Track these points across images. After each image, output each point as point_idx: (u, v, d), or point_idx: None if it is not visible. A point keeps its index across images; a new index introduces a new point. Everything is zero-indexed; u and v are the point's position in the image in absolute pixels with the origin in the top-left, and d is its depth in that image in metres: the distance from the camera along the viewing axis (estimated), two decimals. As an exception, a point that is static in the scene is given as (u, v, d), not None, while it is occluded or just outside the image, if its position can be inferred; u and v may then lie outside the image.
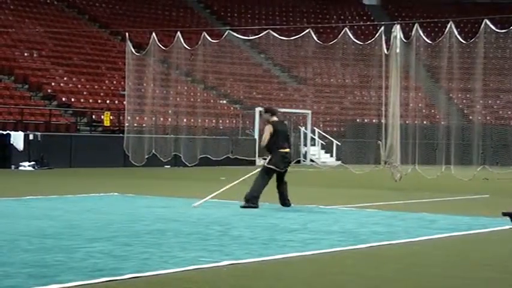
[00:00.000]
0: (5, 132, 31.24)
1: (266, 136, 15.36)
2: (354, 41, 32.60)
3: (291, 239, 10.46)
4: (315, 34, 32.88)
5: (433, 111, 47.59)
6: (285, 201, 15.36)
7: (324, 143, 43.34)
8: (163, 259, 8.57)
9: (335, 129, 46.01)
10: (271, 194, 15.53)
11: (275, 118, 15.59)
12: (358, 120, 46.97)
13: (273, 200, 15.55)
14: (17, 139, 30.97)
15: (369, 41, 30.00)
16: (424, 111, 45.96)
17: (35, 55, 42.03)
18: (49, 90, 38.33)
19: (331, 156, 43.10)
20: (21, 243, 9.53)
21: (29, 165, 30.32)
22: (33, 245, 9.42)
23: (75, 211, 13.94)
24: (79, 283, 7.12)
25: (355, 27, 54.64)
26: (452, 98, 44.89)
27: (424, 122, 43.49)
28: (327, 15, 61.50)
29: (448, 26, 28.10)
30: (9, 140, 30.81)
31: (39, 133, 32.24)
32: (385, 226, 12.28)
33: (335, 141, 42.90)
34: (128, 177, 26.43)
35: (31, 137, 31.55)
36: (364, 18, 61.74)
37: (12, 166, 30.32)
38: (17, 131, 31.71)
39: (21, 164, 30.35)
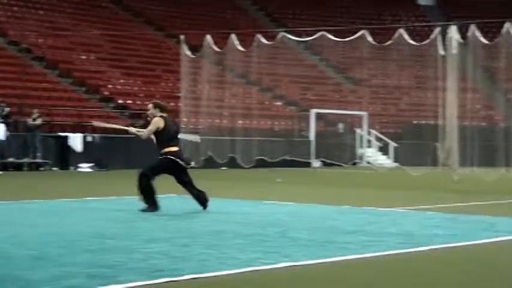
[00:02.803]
0: (63, 134, 31.63)
1: (152, 129, 14.30)
2: (409, 42, 32.32)
3: (349, 241, 10.38)
4: (370, 35, 32.69)
5: (491, 112, 46.97)
6: (198, 199, 14.58)
7: (381, 145, 43.08)
8: (221, 260, 8.57)
9: (391, 130, 45.69)
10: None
11: (164, 115, 14.35)
12: (414, 121, 46.57)
13: (328, 201, 15.44)
14: (75, 141, 31.35)
15: (425, 42, 29.73)
16: (481, 112, 45.38)
17: (92, 58, 42.48)
18: (106, 93, 38.70)
19: (388, 158, 42.82)
20: (82, 244, 9.62)
21: (87, 167, 30.64)
22: (93, 245, 9.50)
23: (133, 212, 14.02)
24: (139, 283, 7.15)
25: (411, 28, 54.21)
26: (510, 99, 44.28)
27: (482, 124, 42.94)
28: (381, 16, 61.12)
29: (506, 26, 27.72)
30: (68, 142, 31.19)
31: (96, 135, 32.58)
32: (445, 228, 12.13)
33: (391, 143, 42.61)
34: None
35: (89, 138, 31.89)
36: (420, 18, 61.21)
37: (71, 167, 30.68)
38: (75, 132, 32.07)
39: (79, 165, 30.70)
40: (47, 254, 8.76)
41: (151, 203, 13.91)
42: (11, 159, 29.42)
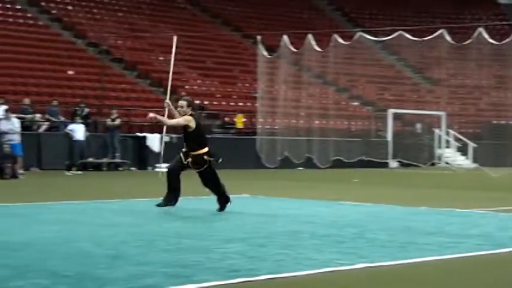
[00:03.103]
0: (141, 135, 31.98)
1: (180, 122, 14.05)
2: (489, 41, 31.79)
3: (427, 242, 10.23)
4: (448, 34, 32.25)
5: None
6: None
7: (460, 145, 42.46)
8: (297, 260, 8.53)
9: (470, 130, 44.98)
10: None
11: (194, 114, 14.07)
12: (494, 121, 45.76)
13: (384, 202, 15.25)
14: (153, 141, 31.66)
15: (505, 41, 29.20)
16: None
17: (169, 59, 42.84)
18: (183, 93, 38.99)
19: (467, 158, 42.18)
20: (159, 243, 9.68)
21: (165, 167, 30.88)
22: (170, 245, 9.56)
23: (209, 212, 14.09)
24: (216, 283, 7.16)
25: (490, 26, 53.31)
26: None
27: None
28: (460, 15, 60.26)
29: None
30: (146, 142, 31.53)
31: (174, 135, 32.82)
32: (526, 230, 11.88)
33: (470, 143, 41.96)
34: (260, 179, 26.57)
35: (166, 139, 32.15)
36: (500, 17, 60.17)
37: (149, 167, 30.99)
38: (153, 133, 32.39)
39: (157, 165, 30.99)
40: (124, 253, 8.84)
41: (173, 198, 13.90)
42: (90, 160, 29.86)
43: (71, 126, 29.21)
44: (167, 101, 14.95)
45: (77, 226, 11.57)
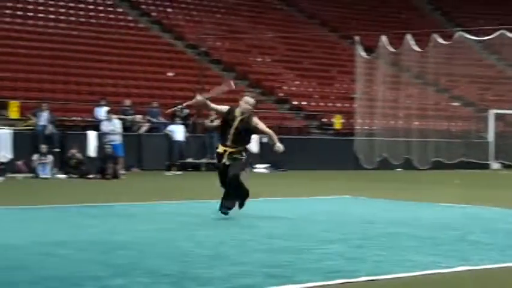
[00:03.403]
0: (240, 135, 32.16)
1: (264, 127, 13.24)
2: None
3: (531, 245, 9.99)
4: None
5: None
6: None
7: None
8: (397, 262, 8.45)
9: None
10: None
11: None
12: None
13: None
14: (252, 142, 31.80)
15: None
16: None
17: (267, 60, 43.01)
18: (281, 94, 39.08)
19: None
20: (254, 244, 9.70)
21: (263, 168, 31.03)
22: (264, 245, 9.57)
23: (308, 212, 14.07)
24: (315, 284, 7.14)
25: None
26: None
27: None
28: None
29: None
30: (245, 143, 31.71)
31: (271, 136, 32.93)
32: None
33: None
34: (359, 180, 26.40)
35: (265, 140, 32.27)
36: None
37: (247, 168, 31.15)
38: (251, 134, 32.54)
39: (255, 166, 31.14)
40: (223, 253, 8.91)
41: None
42: (189, 160, 30.19)
43: (171, 127, 29.59)
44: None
45: (176, 226, 11.72)
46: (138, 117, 31.19)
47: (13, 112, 27.95)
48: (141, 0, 44.92)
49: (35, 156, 24.89)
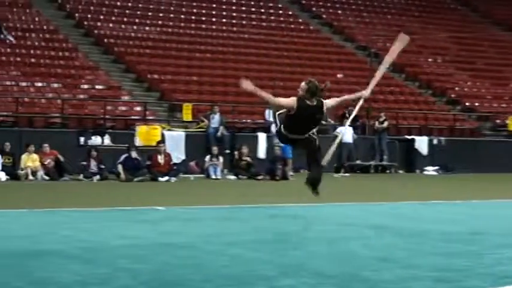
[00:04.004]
0: (409, 137, 31.80)
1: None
2: None
3: None
4: None
5: None
6: None
7: None
8: None
9: None
10: None
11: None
12: None
13: None
14: (421, 144, 31.38)
15: None
16: None
17: (438, 60, 42.30)
18: (453, 95, 38.33)
19: None
20: (427, 247, 9.58)
21: (432, 170, 30.54)
22: (439, 249, 9.43)
23: (480, 216, 13.75)
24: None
25: None
26: None
27: None
28: None
29: None
30: (414, 145, 31.32)
31: (443, 138, 32.39)
32: None
33: None
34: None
35: (435, 141, 31.78)
36: None
37: (417, 170, 30.74)
38: (421, 135, 32.11)
39: (425, 168, 30.69)
40: (392, 256, 8.84)
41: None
42: (358, 162, 30.10)
43: (340, 129, 29.61)
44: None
45: (344, 227, 11.72)
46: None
47: (186, 114, 28.73)
48: (311, 3, 45.19)
49: (207, 158, 25.48)
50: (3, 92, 27.83)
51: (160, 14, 38.10)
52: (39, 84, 29.05)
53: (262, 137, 28.18)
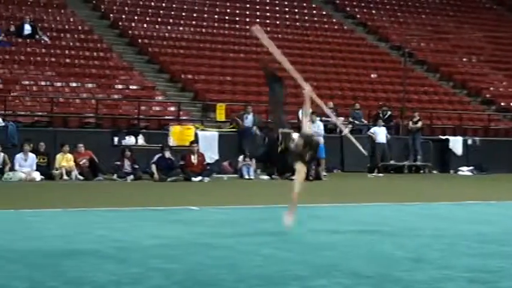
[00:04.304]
0: (444, 137, 31.62)
1: None
2: None
3: None
4: None
5: None
6: None
7: None
8: None
9: None
10: None
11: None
12: None
13: None
14: (456, 144, 31.18)
15: None
16: None
17: (473, 60, 42.00)
18: (488, 95, 38.04)
19: None
20: (461, 248, 9.52)
21: (467, 170, 30.34)
22: (473, 249, 9.37)
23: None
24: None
25: None
26: None
27: None
28: None
29: None
30: (448, 145, 31.13)
31: (477, 138, 32.15)
32: None
33: None
34: None
35: (469, 141, 31.56)
36: None
37: (451, 171, 30.56)
38: (456, 135, 31.92)
39: (459, 168, 30.49)
40: (426, 257, 8.80)
41: None
42: (391, 162, 29.97)
43: (374, 129, 29.51)
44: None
45: (378, 228, 11.68)
46: (341, 119, 31.31)
47: (219, 114, 28.78)
48: (345, 3, 45.08)
49: (240, 158, 25.51)
50: (38, 92, 28.08)
51: (194, 14, 38.21)
52: (74, 84, 29.25)
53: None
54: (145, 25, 35.96)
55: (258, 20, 39.69)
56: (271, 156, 10.59)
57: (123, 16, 36.31)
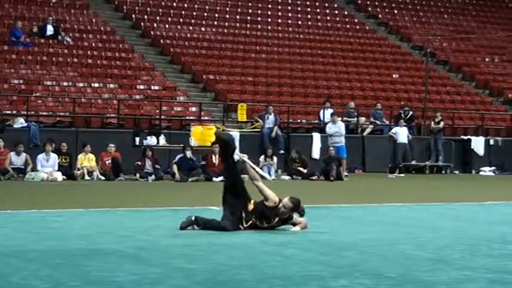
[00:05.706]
0: (466, 137, 31.49)
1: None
2: None
3: None
4: None
5: None
6: None
7: None
8: None
9: None
10: None
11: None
12: None
13: None
14: (478, 144, 31.04)
15: None
16: None
17: (496, 60, 41.80)
18: (510, 95, 37.85)
19: None
20: (483, 248, 9.50)
21: (489, 170, 30.20)
22: (494, 250, 9.34)
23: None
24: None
25: None
26: None
27: None
28: None
29: None
30: (470, 145, 31.00)
31: (499, 138, 32.00)
32: None
33: None
34: None
35: (491, 142, 31.42)
36: None
37: (473, 171, 30.43)
38: (478, 136, 31.79)
39: (481, 169, 30.36)
40: (447, 257, 8.78)
41: None
42: (413, 162, 29.89)
43: (395, 129, 29.43)
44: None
45: (398, 228, 11.67)
46: (362, 119, 31.26)
47: (241, 115, 28.81)
48: (367, 3, 44.98)
49: (261, 158, 25.51)
50: (60, 92, 28.23)
51: (216, 15, 38.26)
52: (96, 84, 29.38)
53: (316, 137, 28.14)
54: (167, 26, 36.05)
55: (279, 20, 39.75)
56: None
57: (145, 17, 36.42)
